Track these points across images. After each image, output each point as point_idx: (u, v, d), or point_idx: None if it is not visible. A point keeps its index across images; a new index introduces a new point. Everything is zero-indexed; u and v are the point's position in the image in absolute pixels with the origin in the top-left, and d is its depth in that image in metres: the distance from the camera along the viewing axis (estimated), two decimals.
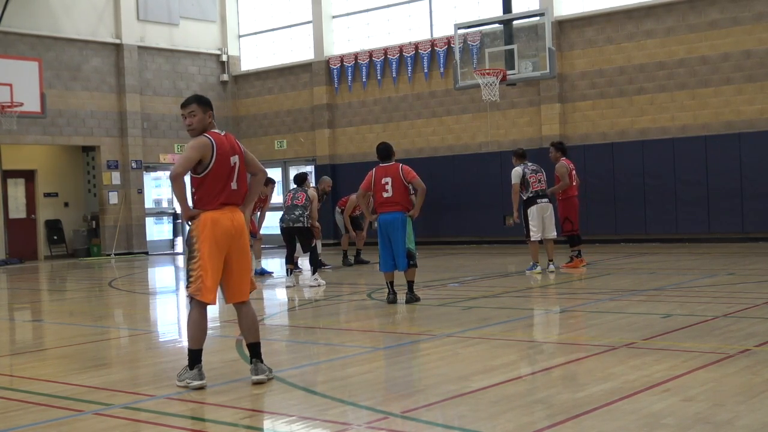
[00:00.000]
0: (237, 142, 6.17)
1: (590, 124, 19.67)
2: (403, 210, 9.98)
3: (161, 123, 24.41)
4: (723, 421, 4.46)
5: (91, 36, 23.07)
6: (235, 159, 6.02)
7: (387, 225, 10.03)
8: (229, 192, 5.99)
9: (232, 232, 5.92)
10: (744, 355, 6.14)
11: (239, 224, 5.97)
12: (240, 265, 6.00)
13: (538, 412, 4.84)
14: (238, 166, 6.04)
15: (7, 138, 21.03)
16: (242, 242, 6.01)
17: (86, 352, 7.80)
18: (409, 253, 10.05)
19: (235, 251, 5.96)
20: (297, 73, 24.58)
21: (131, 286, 15.25)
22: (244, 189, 6.14)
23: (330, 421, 4.88)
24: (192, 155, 5.90)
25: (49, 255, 23.25)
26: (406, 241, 10.01)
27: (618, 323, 8.00)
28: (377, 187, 10.08)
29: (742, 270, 12.53)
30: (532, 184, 13.21)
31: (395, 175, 10.00)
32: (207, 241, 5.85)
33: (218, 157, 5.92)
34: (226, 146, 6.00)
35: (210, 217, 5.89)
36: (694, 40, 18.37)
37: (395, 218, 9.95)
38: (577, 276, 12.74)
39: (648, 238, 18.79)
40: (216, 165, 5.91)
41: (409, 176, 9.96)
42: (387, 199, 9.99)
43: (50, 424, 5.01)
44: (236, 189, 6.03)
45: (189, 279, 5.91)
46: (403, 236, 9.99)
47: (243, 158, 6.10)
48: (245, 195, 6.18)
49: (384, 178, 10.01)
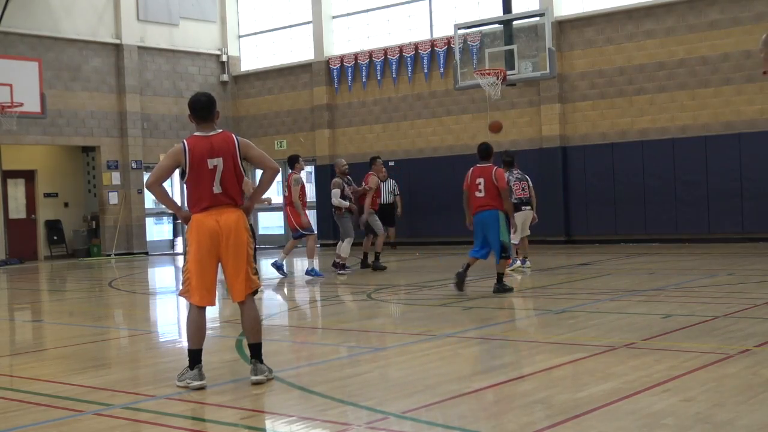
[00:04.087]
0: (231, 142, 5.97)
1: (590, 124, 19.67)
2: (495, 208, 10.50)
3: (161, 123, 24.41)
4: (723, 421, 4.46)
5: (91, 36, 23.07)
6: (215, 161, 5.87)
7: (482, 224, 10.62)
8: (211, 196, 5.89)
9: (217, 232, 5.87)
10: (744, 355, 6.14)
11: (226, 224, 5.87)
12: (232, 265, 5.93)
13: (538, 412, 4.84)
14: (221, 168, 5.88)
15: (7, 138, 21.03)
16: (232, 242, 5.89)
17: (86, 352, 7.79)
18: (503, 246, 10.59)
19: (224, 252, 5.90)
20: (297, 73, 24.58)
21: (131, 286, 15.25)
22: (233, 190, 5.98)
23: (330, 421, 4.87)
24: (164, 162, 5.95)
25: (49, 255, 23.25)
26: (500, 236, 10.53)
27: (618, 323, 7.99)
28: (472, 186, 10.65)
29: (742, 270, 12.53)
30: (516, 191, 13.43)
31: (488, 176, 10.57)
32: (193, 243, 5.88)
33: (191, 162, 5.85)
34: (202, 149, 5.86)
35: (195, 219, 5.91)
36: (694, 40, 18.37)
37: (488, 216, 10.50)
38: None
39: (648, 238, 18.79)
40: (190, 170, 5.87)
41: (500, 183, 10.56)
42: (480, 199, 10.59)
43: (50, 424, 5.01)
44: (221, 192, 5.90)
45: (182, 281, 6.00)
46: (498, 233, 10.51)
47: (234, 159, 5.93)
48: (240, 195, 6.05)
49: (478, 178, 10.60)
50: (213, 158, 5.88)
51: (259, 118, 25.44)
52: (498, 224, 10.50)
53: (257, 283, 6.13)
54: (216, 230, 5.86)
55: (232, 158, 5.94)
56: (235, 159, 5.96)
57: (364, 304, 10.69)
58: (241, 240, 5.93)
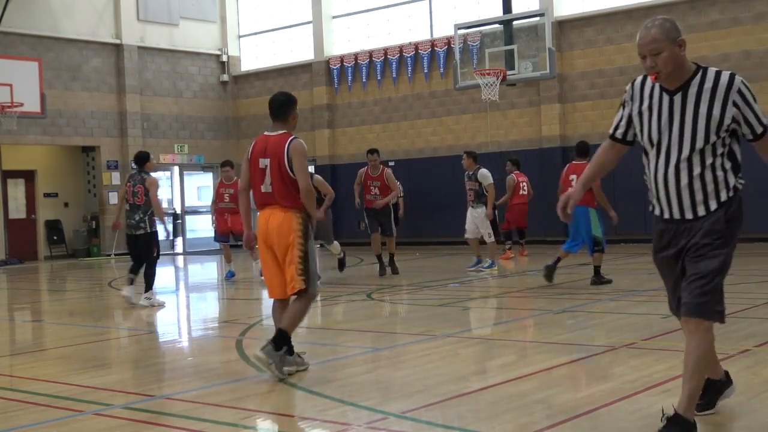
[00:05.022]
0: (282, 144, 6.03)
1: (590, 124, 19.67)
2: (586, 204, 10.75)
3: (161, 123, 24.41)
4: (723, 421, 4.46)
5: (91, 36, 23.07)
6: (265, 162, 6.05)
7: (574, 219, 10.80)
8: (259, 195, 6.15)
9: (266, 232, 6.08)
10: (744, 355, 6.14)
11: (273, 225, 6.06)
12: (281, 264, 6.12)
13: (538, 412, 4.84)
14: (270, 168, 6.03)
15: (7, 138, 21.03)
16: (278, 242, 6.03)
17: (86, 352, 7.79)
18: (595, 240, 11.04)
19: (276, 251, 6.10)
20: (297, 73, 24.59)
21: None
22: (283, 191, 6.01)
23: (330, 421, 4.87)
24: (243, 165, 6.34)
25: (49, 255, 23.24)
26: (592, 230, 11.00)
27: (618, 323, 8.00)
28: (566, 182, 11.00)
29: (742, 270, 12.52)
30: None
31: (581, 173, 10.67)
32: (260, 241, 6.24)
33: (249, 160, 6.18)
34: (259, 149, 6.13)
35: (257, 219, 6.24)
36: (694, 40, 18.36)
37: (580, 212, 10.78)
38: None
39: (648, 238, 18.64)
40: (249, 168, 6.20)
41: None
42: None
43: (50, 424, 5.01)
44: (269, 192, 6.07)
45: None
46: (589, 227, 11.01)
47: (280, 161, 5.99)
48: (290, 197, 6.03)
49: (572, 174, 11.00)
50: (264, 158, 6.09)
51: (259, 118, 25.42)
52: (589, 219, 10.94)
53: (301, 285, 6.01)
54: (265, 231, 6.11)
55: (278, 160, 6.02)
56: (281, 161, 6.01)
57: (364, 304, 10.69)
58: (287, 241, 6.03)
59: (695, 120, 4.01)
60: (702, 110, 3.99)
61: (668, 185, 4.12)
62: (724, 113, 3.99)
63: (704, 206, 4.10)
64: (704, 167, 4.06)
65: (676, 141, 4.06)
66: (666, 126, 4.08)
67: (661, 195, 4.17)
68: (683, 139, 4.05)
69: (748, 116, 4.04)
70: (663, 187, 4.14)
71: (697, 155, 4.04)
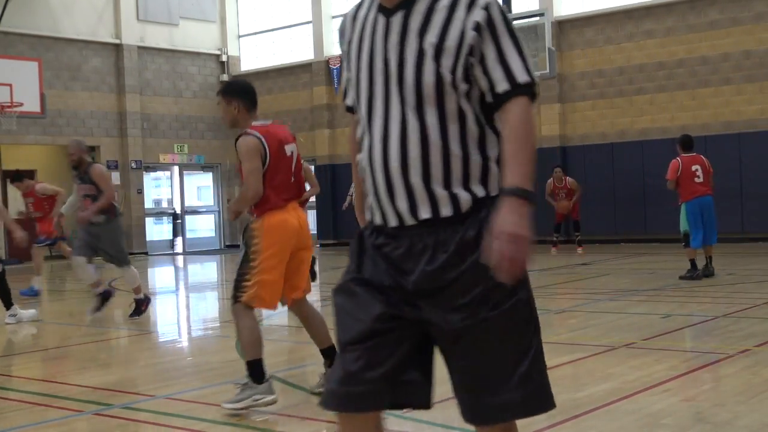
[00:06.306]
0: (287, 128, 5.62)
1: (590, 124, 19.67)
2: (711, 195, 11.38)
3: (161, 123, 24.40)
4: (723, 421, 4.45)
5: (91, 36, 23.07)
6: (291, 147, 5.38)
7: (703, 206, 11.37)
8: (290, 186, 5.38)
9: (299, 231, 5.34)
10: (744, 355, 6.14)
11: (304, 221, 5.42)
12: (303, 262, 5.48)
13: None
14: (296, 155, 5.42)
15: (7, 138, 21.03)
16: (307, 239, 5.43)
17: (86, 352, 7.79)
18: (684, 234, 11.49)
19: (301, 249, 5.43)
20: (297, 73, 24.58)
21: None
22: (302, 180, 5.59)
23: (330, 421, 4.86)
24: (254, 164, 5.20)
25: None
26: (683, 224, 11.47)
27: (618, 323, 7.99)
28: (688, 174, 11.31)
29: (742, 270, 12.53)
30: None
31: (702, 163, 11.45)
32: (276, 246, 5.25)
33: (272, 151, 5.25)
34: (277, 135, 5.35)
35: (279, 219, 5.27)
36: (694, 40, 18.37)
37: (710, 200, 11.32)
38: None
39: (648, 238, 18.78)
40: (271, 159, 5.23)
41: (711, 170, 11.52)
42: (699, 184, 11.36)
43: (50, 424, 5.01)
44: (295, 182, 5.42)
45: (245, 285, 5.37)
46: (714, 216, 11.45)
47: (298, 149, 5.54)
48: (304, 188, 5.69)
49: (693, 165, 11.35)
50: (289, 144, 5.33)
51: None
52: (713, 210, 11.43)
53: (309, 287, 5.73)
54: (298, 229, 5.26)
55: (298, 148, 5.52)
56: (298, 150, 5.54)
57: None
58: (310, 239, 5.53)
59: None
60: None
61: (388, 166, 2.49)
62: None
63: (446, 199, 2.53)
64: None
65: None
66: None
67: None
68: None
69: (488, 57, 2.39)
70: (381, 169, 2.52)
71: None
